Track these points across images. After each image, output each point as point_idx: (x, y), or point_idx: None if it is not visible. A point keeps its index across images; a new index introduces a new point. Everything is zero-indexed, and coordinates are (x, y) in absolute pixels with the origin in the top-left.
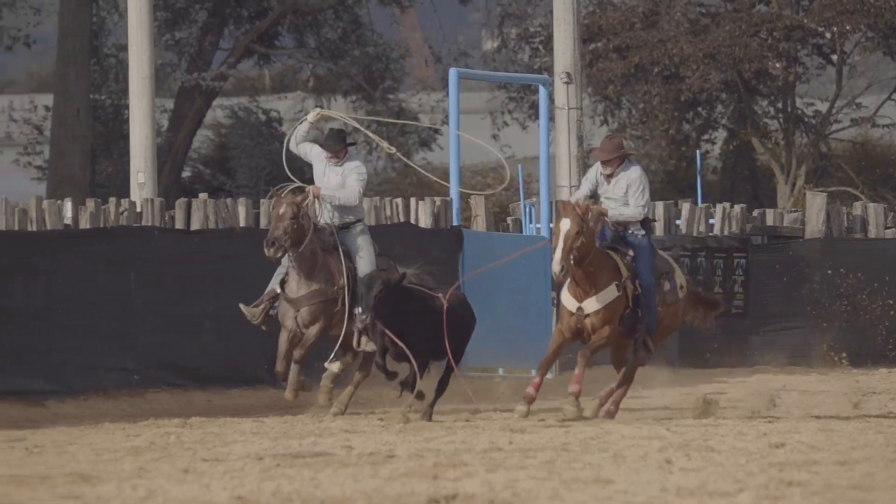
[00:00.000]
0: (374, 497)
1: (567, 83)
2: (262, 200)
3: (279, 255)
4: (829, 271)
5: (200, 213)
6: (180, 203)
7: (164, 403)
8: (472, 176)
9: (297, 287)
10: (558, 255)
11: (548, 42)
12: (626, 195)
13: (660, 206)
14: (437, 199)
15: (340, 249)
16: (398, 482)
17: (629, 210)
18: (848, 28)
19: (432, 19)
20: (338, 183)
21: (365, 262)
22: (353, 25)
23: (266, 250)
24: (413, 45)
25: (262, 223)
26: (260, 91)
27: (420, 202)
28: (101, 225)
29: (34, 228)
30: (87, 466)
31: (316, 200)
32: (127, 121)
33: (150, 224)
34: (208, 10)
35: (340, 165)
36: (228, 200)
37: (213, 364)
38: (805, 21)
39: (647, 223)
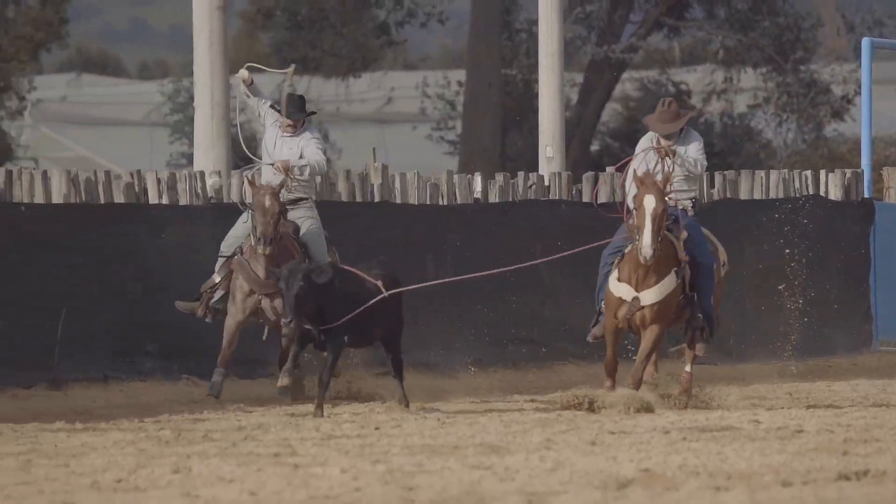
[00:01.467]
0: (782, 471)
1: None
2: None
3: (274, 251)
4: None
5: (608, 186)
6: (587, 177)
7: (570, 375)
8: (884, 147)
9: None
10: (648, 236)
11: None
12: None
13: None
14: (848, 171)
15: (299, 236)
16: (806, 457)
17: (695, 159)
18: None
19: None
20: (292, 155)
21: (315, 252)
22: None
23: (262, 249)
24: (825, 15)
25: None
26: (670, 63)
27: (830, 174)
28: (510, 199)
29: (445, 202)
30: (495, 437)
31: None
32: (536, 95)
33: (557, 198)
34: None
35: (296, 136)
36: None
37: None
38: None
39: (697, 202)
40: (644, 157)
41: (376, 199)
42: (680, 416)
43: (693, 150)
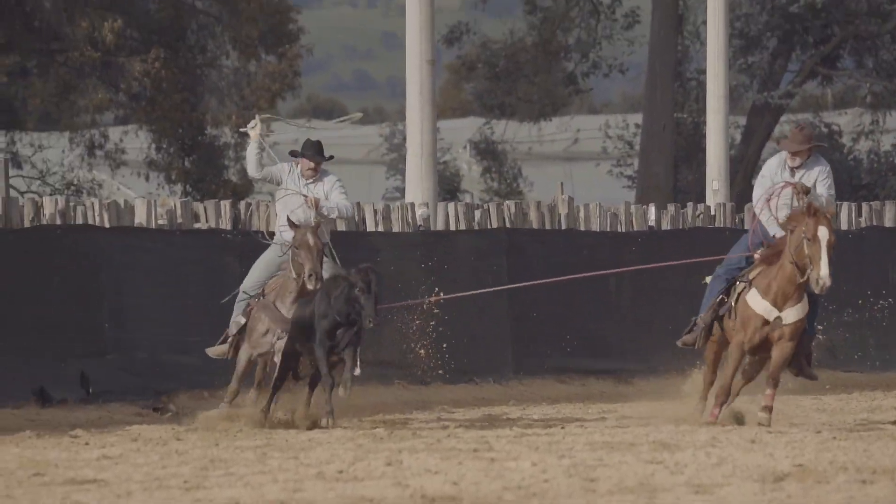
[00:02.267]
0: None
1: None
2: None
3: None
4: None
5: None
6: (749, 207)
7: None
8: None
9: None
10: (826, 266)
11: None
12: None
13: None
14: None
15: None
16: None
17: (826, 195)
18: None
19: None
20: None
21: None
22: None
23: (314, 284)
24: None
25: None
26: (822, 107)
27: None
28: (680, 226)
29: (623, 229)
30: (667, 436)
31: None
32: (704, 135)
33: (721, 225)
34: (778, 38)
35: (318, 181)
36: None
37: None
38: None
39: None
40: (780, 191)
41: (563, 227)
42: (830, 418)
43: (821, 186)
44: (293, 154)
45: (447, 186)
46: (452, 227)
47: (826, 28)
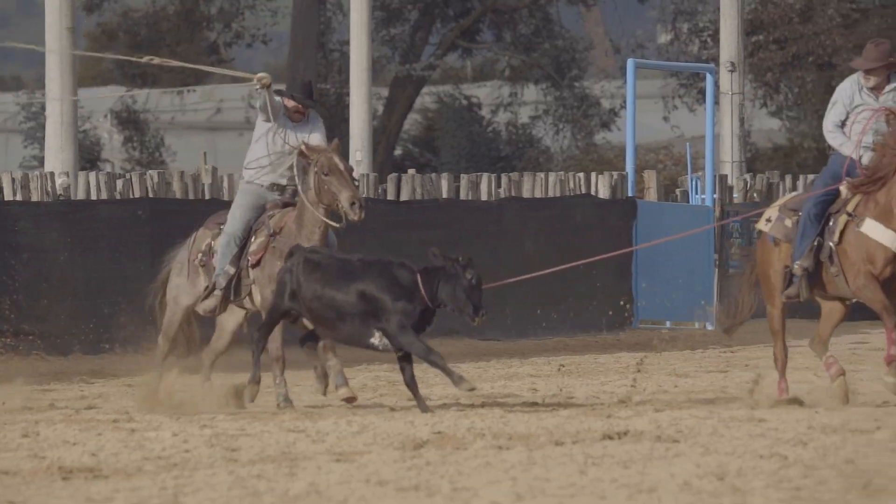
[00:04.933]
0: (555, 433)
1: (731, 71)
2: (461, 175)
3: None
4: None
5: (409, 186)
6: (392, 177)
7: None
8: (645, 153)
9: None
10: None
11: (715, 35)
12: None
13: (811, 178)
14: (615, 174)
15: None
16: (576, 420)
17: None
18: None
19: (613, 16)
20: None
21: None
22: (544, 22)
23: (358, 214)
24: (596, 39)
25: (462, 195)
26: (462, 80)
27: (599, 176)
28: None
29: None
30: (309, 404)
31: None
32: (348, 106)
33: (365, 195)
34: (419, 10)
35: (303, 125)
36: (433, 175)
37: None
38: None
39: None
40: (867, 118)
41: (207, 197)
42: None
43: None
44: (279, 93)
45: (87, 156)
46: (94, 197)
47: (466, 2)
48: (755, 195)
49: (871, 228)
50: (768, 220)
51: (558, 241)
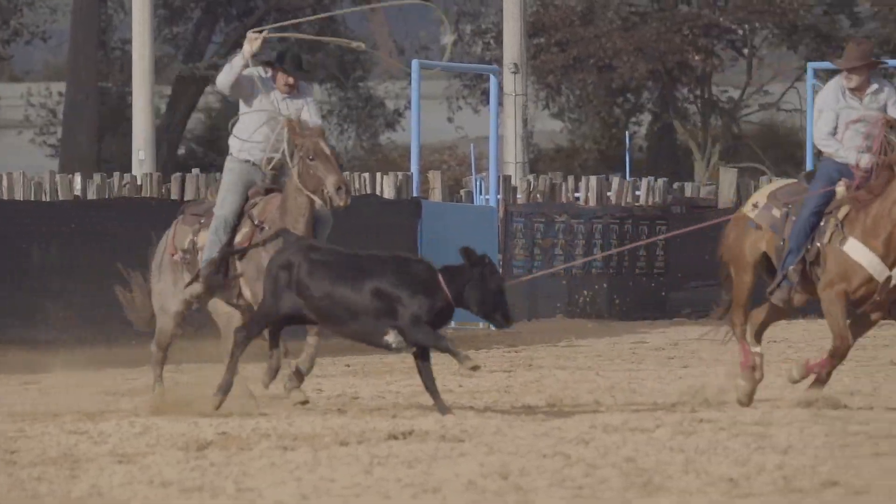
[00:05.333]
0: (340, 433)
1: (514, 73)
2: None
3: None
4: None
5: (193, 185)
6: (176, 177)
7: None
8: (430, 153)
9: None
10: None
11: (498, 37)
12: (885, 111)
13: (593, 179)
14: (400, 174)
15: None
16: (362, 420)
17: None
18: (757, 25)
19: (397, 17)
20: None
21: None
22: (329, 21)
23: (344, 200)
24: (381, 39)
25: None
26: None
27: (384, 176)
28: (106, 196)
29: (48, 199)
30: (90, 405)
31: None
32: (130, 105)
33: (148, 195)
34: (202, 8)
35: (296, 98)
36: (218, 174)
37: None
38: (721, 19)
39: None
40: (829, 111)
41: None
42: (254, 386)
43: (894, 109)
44: (266, 64)
45: None
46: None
47: (249, 1)
48: (538, 196)
49: (853, 248)
50: (755, 206)
51: (342, 242)
